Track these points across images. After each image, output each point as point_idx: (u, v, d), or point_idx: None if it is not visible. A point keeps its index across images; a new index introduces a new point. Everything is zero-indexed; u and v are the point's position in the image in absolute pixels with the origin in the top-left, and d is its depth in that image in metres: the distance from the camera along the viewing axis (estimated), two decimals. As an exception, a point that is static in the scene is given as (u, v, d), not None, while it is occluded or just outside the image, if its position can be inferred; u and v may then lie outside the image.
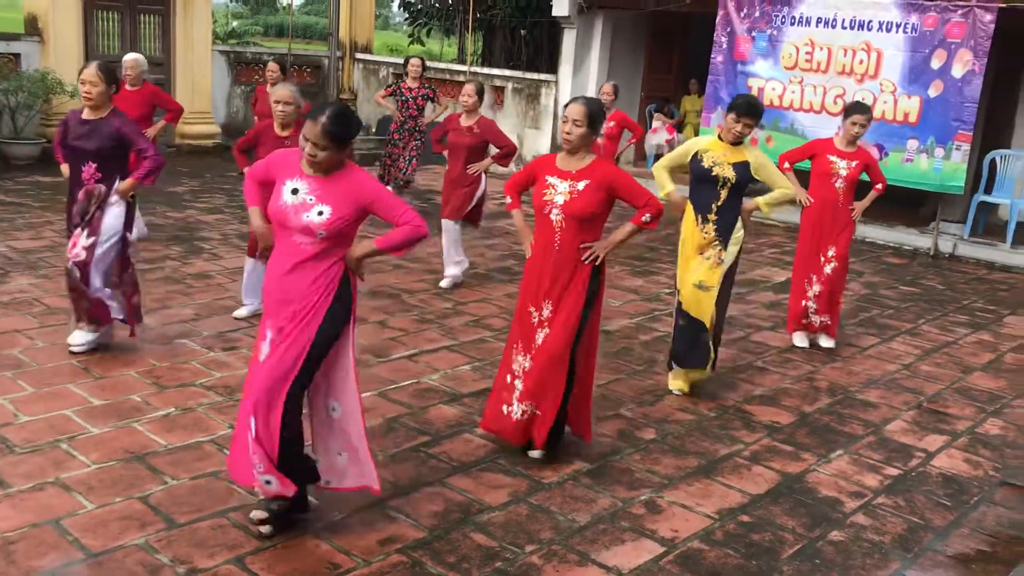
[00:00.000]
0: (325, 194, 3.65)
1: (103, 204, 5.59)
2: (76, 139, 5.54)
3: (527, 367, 4.68)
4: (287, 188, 3.69)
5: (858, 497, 4.70)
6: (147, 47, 13.42)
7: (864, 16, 10.75)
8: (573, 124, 4.44)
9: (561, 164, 4.59)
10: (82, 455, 4.45)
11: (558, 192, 4.51)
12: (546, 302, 4.60)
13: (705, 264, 5.59)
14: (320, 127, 3.56)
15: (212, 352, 5.97)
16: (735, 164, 5.51)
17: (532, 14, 16.96)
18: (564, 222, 4.50)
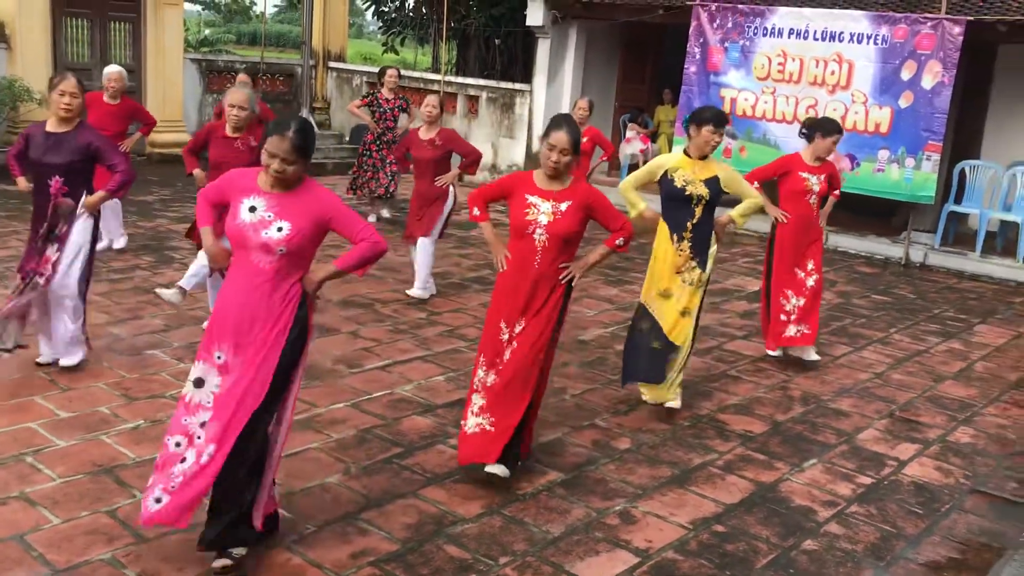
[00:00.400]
0: (283, 210, 3.57)
1: (71, 218, 5.47)
2: (42, 153, 5.38)
3: (489, 383, 4.60)
4: (244, 206, 3.59)
5: (831, 506, 4.72)
6: (118, 55, 13.29)
7: (835, 27, 10.85)
8: (560, 153, 4.39)
9: (541, 184, 4.54)
10: (48, 469, 4.37)
11: (541, 212, 4.48)
12: (520, 320, 4.55)
13: (688, 290, 5.55)
14: (289, 142, 3.50)
15: (182, 363, 5.89)
16: (706, 180, 5.48)
17: (506, 24, 17.00)
18: (548, 242, 4.49)
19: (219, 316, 3.66)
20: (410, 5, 19.92)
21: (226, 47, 32.29)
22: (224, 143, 6.43)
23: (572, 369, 6.43)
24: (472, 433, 4.60)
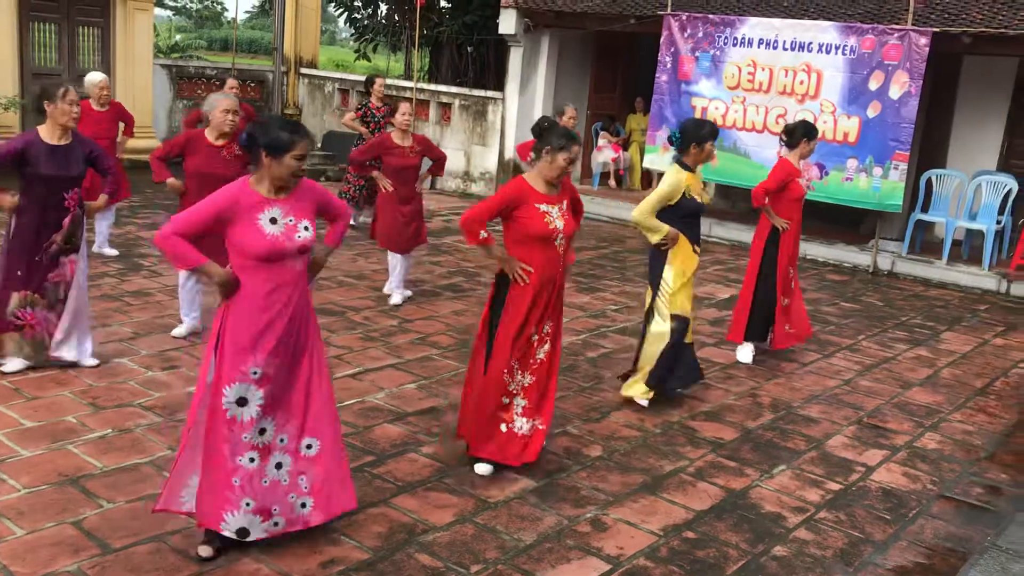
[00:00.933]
0: (298, 211, 3.77)
1: (84, 227, 5.71)
2: (55, 167, 5.39)
3: (527, 384, 4.82)
4: (264, 220, 3.67)
5: (800, 512, 4.75)
6: (86, 60, 13.16)
7: (804, 38, 10.98)
8: (572, 163, 4.70)
9: (542, 189, 4.71)
10: (12, 479, 4.31)
11: (555, 217, 4.69)
12: (548, 321, 4.81)
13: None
14: (308, 140, 3.78)
15: (151, 371, 5.84)
16: (703, 189, 5.98)
17: (479, 32, 17.03)
18: (564, 243, 4.75)
19: (258, 331, 3.70)
20: (382, 12, 19.90)
21: (197, 53, 32.08)
22: (209, 152, 6.31)
23: (544, 377, 6.43)
24: (523, 434, 4.81)
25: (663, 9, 12.10)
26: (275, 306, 3.72)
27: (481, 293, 8.58)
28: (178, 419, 5.15)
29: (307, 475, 3.89)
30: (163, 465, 4.58)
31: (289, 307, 3.75)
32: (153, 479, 4.44)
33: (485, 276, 9.25)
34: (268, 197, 3.71)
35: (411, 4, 16.45)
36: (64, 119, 5.38)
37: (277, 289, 3.71)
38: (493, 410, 4.77)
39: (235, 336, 3.69)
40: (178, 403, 5.34)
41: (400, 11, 18.58)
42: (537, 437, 4.85)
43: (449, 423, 5.15)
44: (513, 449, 4.79)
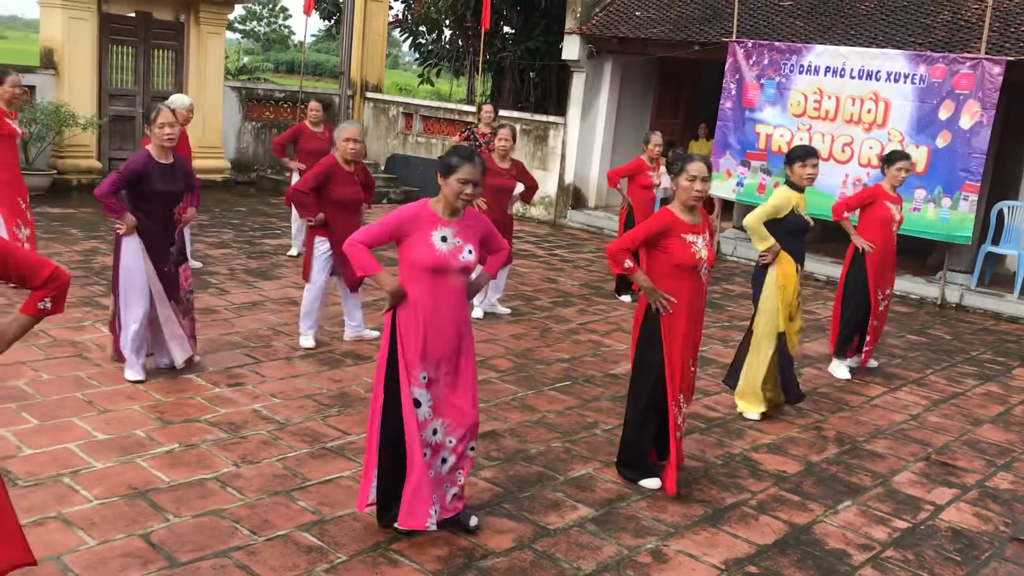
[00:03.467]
0: (466, 235, 4.09)
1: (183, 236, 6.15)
2: (167, 184, 5.77)
3: (686, 408, 5.09)
4: (436, 237, 4.02)
5: (866, 550, 4.65)
6: (160, 82, 13.56)
7: (872, 66, 10.84)
8: (703, 181, 4.68)
9: (688, 219, 4.78)
10: (85, 490, 4.42)
11: (700, 247, 4.78)
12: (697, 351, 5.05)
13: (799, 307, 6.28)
14: (479, 168, 4.02)
15: (217, 388, 5.95)
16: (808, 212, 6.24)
17: (542, 57, 17.15)
18: (706, 274, 4.87)
19: (423, 339, 4.04)
20: (446, 37, 20.18)
21: (264, 75, 32.82)
22: (346, 178, 6.72)
23: (604, 403, 6.41)
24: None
25: (728, 36, 12.06)
26: (438, 316, 4.04)
27: (540, 317, 8.58)
28: (241, 435, 5.24)
29: (463, 470, 4.27)
30: (227, 481, 4.66)
31: (450, 318, 4.07)
32: (218, 494, 4.51)
33: (543, 300, 9.26)
34: (442, 217, 4.06)
35: (475, 30, 16.67)
36: (159, 141, 5.71)
37: (439, 300, 4.04)
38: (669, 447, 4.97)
39: (406, 341, 4.05)
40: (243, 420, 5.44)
41: (464, 36, 18.82)
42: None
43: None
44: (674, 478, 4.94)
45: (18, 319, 3.02)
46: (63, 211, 11.18)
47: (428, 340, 4.04)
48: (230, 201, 13.10)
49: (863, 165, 10.99)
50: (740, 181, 12.01)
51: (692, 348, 4.95)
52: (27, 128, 11.60)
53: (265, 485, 4.67)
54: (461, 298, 4.14)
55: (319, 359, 6.71)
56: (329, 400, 5.92)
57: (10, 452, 4.74)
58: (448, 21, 19.47)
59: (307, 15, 14.98)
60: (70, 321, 6.93)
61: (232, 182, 14.29)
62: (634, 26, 13.34)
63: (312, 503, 4.52)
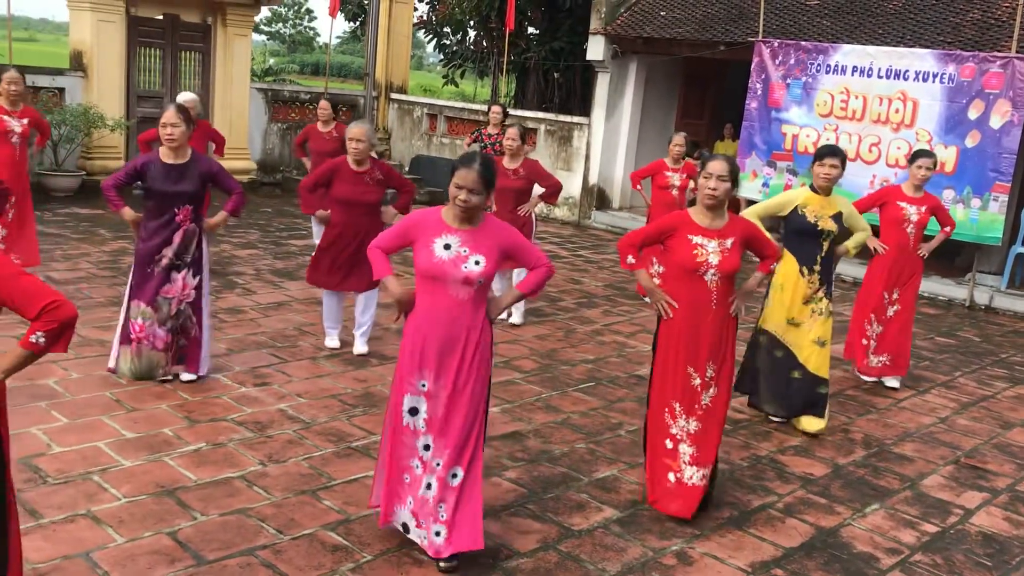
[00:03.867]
0: (476, 245, 3.85)
1: (200, 242, 5.81)
2: (167, 184, 5.62)
3: (692, 430, 4.63)
4: (438, 244, 3.84)
5: (894, 554, 4.60)
6: (187, 84, 13.67)
7: (900, 66, 10.74)
8: (719, 180, 4.40)
9: (701, 221, 4.52)
10: (113, 488, 4.46)
11: (710, 252, 4.48)
12: (710, 363, 4.56)
13: (820, 319, 5.94)
14: (476, 174, 3.77)
15: (244, 387, 5.99)
16: (833, 216, 5.86)
17: (566, 58, 17.13)
18: (719, 281, 4.51)
19: (420, 347, 3.91)
20: (471, 39, 20.20)
21: (289, 77, 33.03)
22: (353, 178, 6.52)
23: (628, 404, 6.39)
24: (694, 485, 4.65)
25: (754, 36, 11.99)
26: (435, 326, 3.86)
27: (564, 318, 8.58)
28: (267, 434, 5.27)
29: (446, 504, 3.94)
30: (253, 480, 4.69)
31: (447, 330, 3.85)
32: (244, 493, 4.54)
33: (567, 301, 9.25)
34: (450, 224, 3.88)
35: (499, 30, 16.68)
36: (162, 140, 5.62)
37: (437, 310, 3.86)
38: (658, 453, 4.71)
39: (405, 348, 3.96)
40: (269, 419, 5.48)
41: (488, 37, 18.83)
42: (700, 489, 4.67)
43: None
44: (689, 499, 4.63)
45: (13, 351, 2.79)
46: (92, 212, 11.29)
47: (425, 349, 3.89)
48: (256, 202, 13.18)
49: (891, 165, 10.89)
50: (766, 182, 11.94)
51: (701, 358, 4.56)
52: (55, 130, 11.76)
53: (291, 484, 4.69)
54: (463, 311, 3.87)
55: (344, 359, 6.74)
56: (354, 400, 5.94)
57: (40, 450, 4.79)
58: (472, 22, 19.49)
59: (332, 17, 15.06)
60: (99, 320, 7.00)
61: (258, 183, 14.38)
62: (659, 26, 13.29)
63: (337, 502, 4.54)
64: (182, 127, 5.57)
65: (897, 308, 7.11)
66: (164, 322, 5.76)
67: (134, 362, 5.76)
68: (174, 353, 5.84)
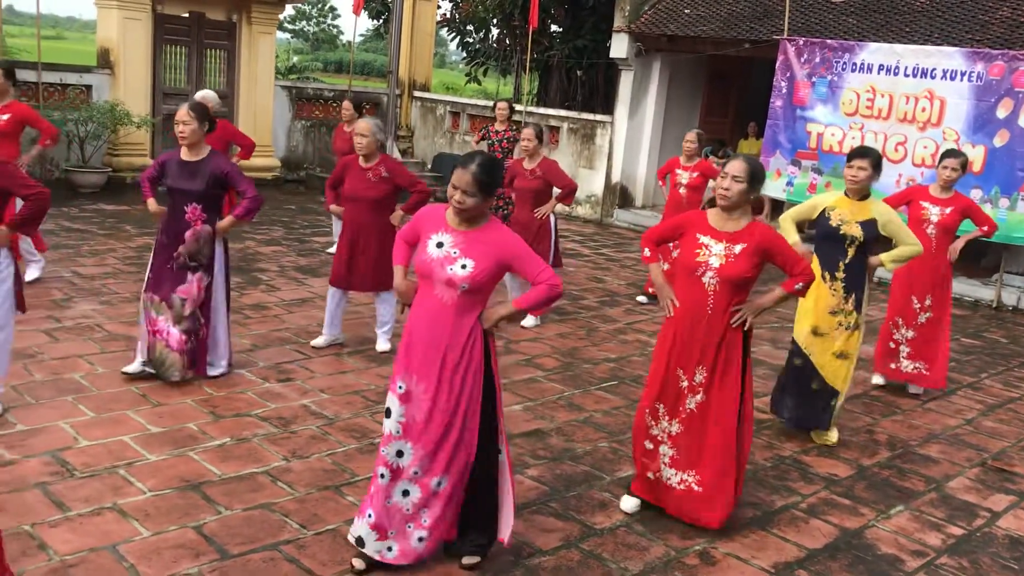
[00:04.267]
0: (469, 247, 3.69)
1: (211, 244, 5.74)
2: (178, 181, 5.62)
3: (675, 431, 4.50)
4: (432, 241, 3.75)
5: (919, 556, 4.56)
6: (212, 81, 13.76)
7: (927, 64, 10.64)
8: (733, 180, 4.24)
9: (716, 223, 4.36)
10: (139, 482, 4.50)
11: (713, 253, 4.30)
12: (700, 368, 4.39)
13: (844, 334, 5.69)
14: (471, 175, 3.63)
15: (268, 383, 6.02)
16: (862, 222, 5.56)
17: (589, 56, 17.09)
18: (718, 286, 4.31)
19: (405, 347, 3.82)
20: (494, 36, 20.20)
21: (313, 75, 33.16)
22: (359, 173, 6.52)
23: (651, 403, 6.36)
24: (674, 487, 4.54)
25: (779, 33, 11.92)
26: (421, 328, 3.75)
27: (586, 316, 8.56)
28: (291, 430, 5.30)
29: (430, 510, 3.85)
30: (277, 475, 4.71)
31: (431, 332, 3.72)
32: (268, 488, 4.57)
33: (589, 299, 9.23)
34: (448, 223, 3.77)
35: (523, 28, 16.66)
36: (177, 136, 5.64)
37: (423, 309, 3.77)
38: (638, 451, 4.66)
39: (401, 346, 3.87)
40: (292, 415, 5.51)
41: (511, 35, 18.82)
42: (702, 499, 4.47)
43: None
44: (672, 501, 4.57)
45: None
46: (118, 208, 11.40)
47: (410, 349, 3.78)
48: (280, 199, 13.26)
49: (917, 165, 10.80)
50: (790, 180, 11.87)
51: (686, 360, 4.40)
52: (82, 127, 11.87)
53: (314, 480, 4.71)
54: (445, 314, 3.70)
55: (367, 356, 6.76)
56: (377, 396, 5.96)
57: (67, 443, 4.84)
58: (496, 20, 19.49)
59: (356, 15, 15.09)
60: (124, 316, 7.07)
61: (282, 180, 14.46)
62: (683, 24, 13.24)
63: (360, 498, 4.55)
64: (193, 124, 5.55)
65: (929, 316, 6.86)
66: (179, 321, 5.71)
67: (145, 353, 5.79)
68: (188, 357, 5.78)
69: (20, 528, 3.97)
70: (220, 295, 5.89)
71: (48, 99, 12.36)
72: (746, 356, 4.46)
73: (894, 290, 7.00)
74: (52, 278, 8.01)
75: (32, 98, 12.28)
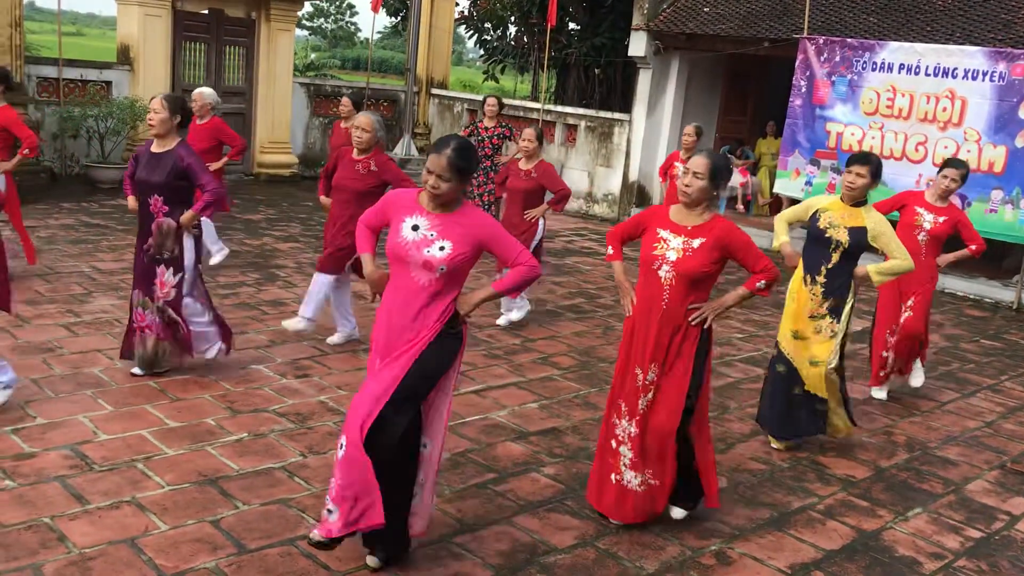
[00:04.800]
0: (446, 230, 3.67)
1: (179, 238, 5.64)
2: (144, 172, 5.56)
3: (632, 432, 4.37)
4: (407, 224, 3.70)
5: (937, 559, 4.53)
6: (231, 78, 13.82)
7: (948, 63, 10.56)
8: (693, 176, 4.16)
9: (676, 217, 4.29)
10: (157, 476, 4.53)
11: (670, 247, 4.22)
12: (652, 365, 4.29)
13: (818, 339, 5.49)
14: (445, 159, 3.61)
15: (285, 379, 6.05)
16: (851, 228, 5.38)
17: (607, 54, 17.05)
18: (674, 280, 4.21)
19: (376, 331, 3.81)
20: (512, 34, 20.18)
21: (331, 72, 33.23)
22: (349, 164, 6.54)
23: (667, 403, 6.35)
24: (637, 491, 4.41)
25: (799, 32, 11.86)
26: (394, 311, 3.72)
27: (602, 315, 8.55)
28: (308, 426, 5.32)
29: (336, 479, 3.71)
30: (294, 471, 4.73)
31: (403, 317, 3.69)
32: (285, 484, 4.59)
33: (605, 298, 9.22)
34: (423, 206, 3.73)
35: (541, 26, 16.64)
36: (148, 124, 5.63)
37: (397, 293, 3.74)
38: (602, 454, 4.51)
39: (374, 330, 3.84)
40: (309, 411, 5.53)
41: (529, 33, 18.80)
42: (655, 492, 4.43)
43: None
44: (631, 505, 4.43)
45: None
46: (137, 204, 11.46)
47: (384, 334, 3.74)
48: (297, 196, 13.30)
49: (937, 165, 10.69)
50: (809, 180, 11.81)
51: (642, 356, 4.31)
52: (102, 123, 11.95)
53: (331, 476, 4.71)
54: (419, 298, 3.68)
55: (383, 352, 6.77)
56: (393, 393, 5.96)
57: (87, 437, 4.88)
58: (514, 17, 19.48)
59: (374, 12, 15.12)
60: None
61: (299, 177, 14.51)
62: (702, 22, 13.19)
63: (376, 495, 4.56)
64: (163, 114, 5.49)
65: (908, 315, 6.61)
66: (162, 311, 5.67)
67: (139, 351, 5.75)
68: (176, 345, 5.77)
69: (40, 520, 4.00)
70: (193, 290, 5.78)
71: (68, 95, 12.45)
72: (705, 353, 4.34)
73: (883, 300, 6.68)
74: (71, 272, 8.06)
75: (53, 94, 12.39)
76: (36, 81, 12.32)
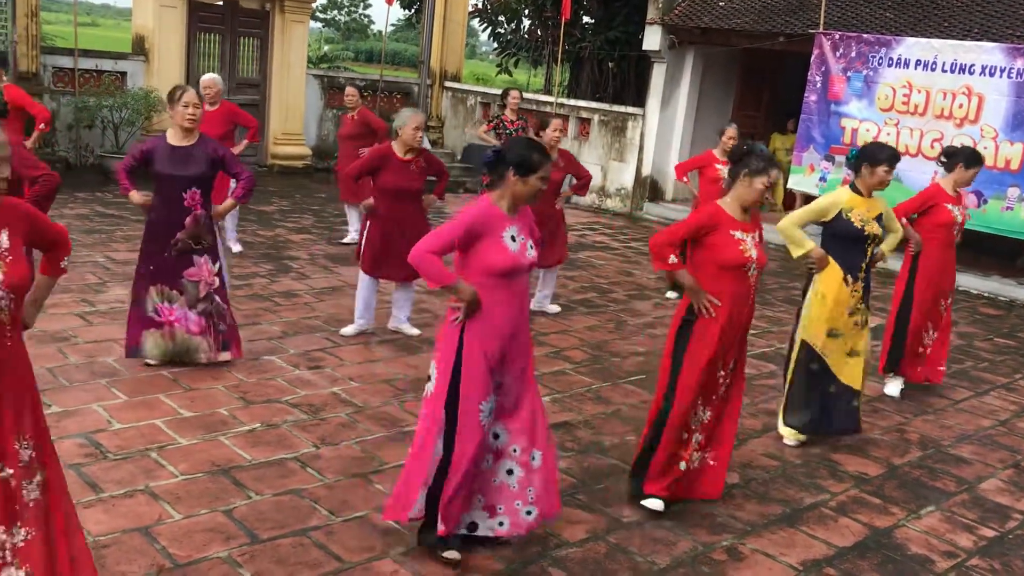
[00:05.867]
0: (526, 231, 3.91)
1: (212, 228, 5.75)
2: (173, 167, 5.55)
3: (706, 420, 4.57)
4: (507, 237, 3.78)
5: (950, 557, 4.52)
6: (245, 69, 13.84)
7: (966, 60, 10.48)
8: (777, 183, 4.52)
9: (737, 216, 4.40)
10: (171, 465, 4.55)
11: (750, 246, 4.38)
12: (734, 358, 4.57)
13: (856, 330, 5.60)
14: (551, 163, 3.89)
15: (298, 370, 6.06)
16: (876, 218, 5.56)
17: (621, 48, 17.00)
18: (756, 277, 4.48)
19: (495, 348, 3.77)
20: (525, 27, 20.13)
21: (344, 64, 33.25)
22: (400, 165, 6.49)
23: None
24: (696, 469, 4.62)
25: (815, 27, 11.80)
26: (511, 321, 3.81)
27: (614, 309, 8.54)
28: (320, 417, 5.33)
29: (533, 486, 3.95)
30: (307, 461, 4.74)
31: (520, 322, 3.86)
32: (297, 474, 4.60)
33: (618, 292, 9.20)
34: (508, 215, 3.82)
35: (555, 19, 16.60)
36: (179, 120, 5.55)
37: (512, 304, 3.81)
38: (674, 448, 4.51)
39: (473, 352, 3.75)
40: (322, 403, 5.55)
41: (543, 26, 18.75)
42: (711, 473, 4.66)
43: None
44: (688, 486, 4.63)
45: None
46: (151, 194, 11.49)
47: (503, 346, 3.78)
48: (310, 187, 13.32)
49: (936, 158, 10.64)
50: (823, 176, 11.76)
51: (728, 356, 4.49)
52: (116, 113, 11.99)
53: (344, 467, 4.74)
54: (525, 298, 3.91)
55: (396, 344, 6.79)
56: (406, 385, 5.98)
57: (101, 426, 4.90)
58: (527, 11, 19.43)
59: (388, 4, 15.11)
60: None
61: (313, 169, 14.53)
62: (717, 16, 13.14)
63: (389, 486, 4.56)
64: (202, 109, 5.61)
65: (945, 312, 6.76)
66: (194, 304, 5.71)
67: (165, 344, 5.74)
68: (215, 339, 5.81)
69: (55, 508, 4.02)
70: (228, 283, 5.99)
71: (83, 85, 12.50)
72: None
73: (923, 295, 6.60)
74: (85, 262, 8.10)
75: (68, 84, 12.43)
76: (52, 71, 12.37)
